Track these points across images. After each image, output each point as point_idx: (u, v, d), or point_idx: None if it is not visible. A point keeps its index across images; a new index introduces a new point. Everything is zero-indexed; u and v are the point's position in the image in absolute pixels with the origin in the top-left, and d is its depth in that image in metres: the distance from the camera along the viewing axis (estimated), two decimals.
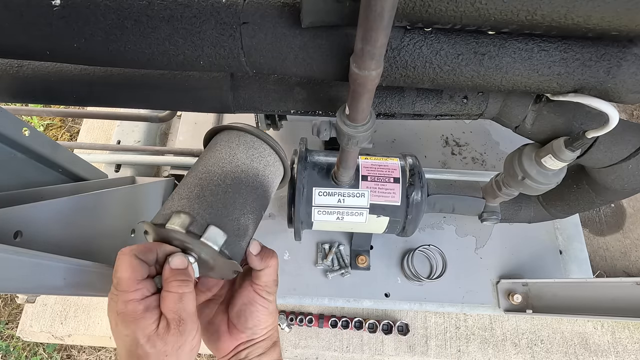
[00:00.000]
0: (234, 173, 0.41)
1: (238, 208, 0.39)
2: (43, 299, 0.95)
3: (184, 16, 0.39)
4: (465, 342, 0.90)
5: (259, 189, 0.43)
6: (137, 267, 0.34)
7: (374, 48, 0.32)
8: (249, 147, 0.43)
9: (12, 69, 0.56)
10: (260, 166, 0.43)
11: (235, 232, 0.38)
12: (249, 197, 0.41)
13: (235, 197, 0.40)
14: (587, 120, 0.50)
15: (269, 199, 0.45)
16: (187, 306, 0.34)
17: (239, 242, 0.39)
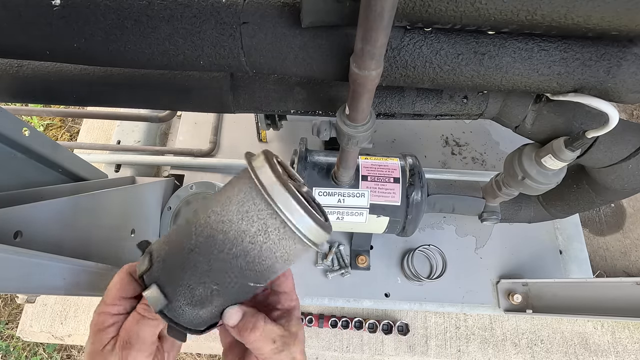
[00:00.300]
0: (211, 229, 0.31)
1: (197, 275, 0.31)
2: (43, 299, 0.95)
3: (184, 16, 0.39)
4: (465, 342, 0.90)
5: (240, 259, 0.31)
6: (126, 284, 0.34)
7: (374, 48, 0.32)
8: (245, 201, 0.30)
9: (12, 69, 0.56)
10: (251, 230, 0.30)
11: (187, 300, 0.32)
12: (217, 265, 0.31)
13: (198, 261, 0.31)
14: (587, 120, 0.50)
15: (264, 274, 0.32)
16: (141, 331, 0.32)
17: (191, 310, 0.32)
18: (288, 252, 0.31)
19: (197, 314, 0.32)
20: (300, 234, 0.30)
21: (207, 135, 1.06)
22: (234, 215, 0.30)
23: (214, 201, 0.32)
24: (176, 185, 0.96)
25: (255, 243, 0.30)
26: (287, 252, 0.31)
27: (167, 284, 0.32)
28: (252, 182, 0.30)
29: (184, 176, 1.02)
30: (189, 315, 0.32)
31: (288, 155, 1.05)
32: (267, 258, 0.31)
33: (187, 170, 1.03)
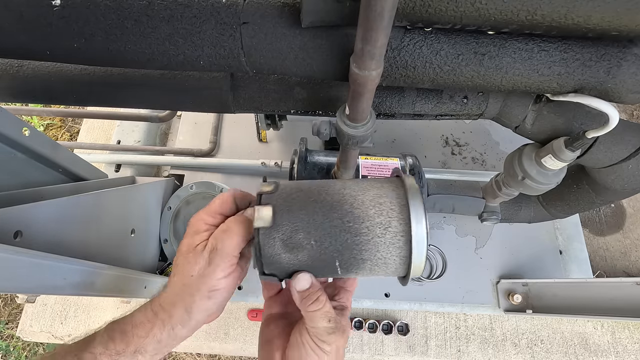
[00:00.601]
0: (342, 198, 0.34)
1: (308, 222, 0.33)
2: (43, 299, 0.95)
3: (184, 16, 0.39)
4: (465, 342, 0.90)
5: (349, 235, 0.32)
6: (227, 203, 0.38)
7: (374, 48, 0.32)
8: (384, 195, 0.33)
9: (12, 69, 0.56)
10: (375, 219, 0.32)
11: (285, 237, 0.33)
12: (328, 226, 0.33)
13: (316, 213, 0.33)
14: (587, 120, 0.50)
15: (352, 264, 0.34)
16: (227, 240, 0.35)
17: (280, 248, 0.33)
18: (386, 259, 0.33)
19: (280, 255, 0.33)
20: (409, 250, 0.32)
21: (207, 135, 1.06)
22: (368, 200, 0.33)
23: (351, 182, 0.36)
24: (176, 185, 0.96)
25: (371, 232, 0.32)
26: (386, 259, 0.33)
27: (279, 212, 0.33)
28: (399, 183, 0.34)
29: (184, 176, 1.02)
30: (274, 251, 0.33)
31: (288, 155, 1.05)
32: (368, 251, 0.33)
33: (187, 170, 1.03)
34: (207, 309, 0.36)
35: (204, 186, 0.89)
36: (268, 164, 0.97)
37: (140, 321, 0.36)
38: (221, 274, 0.35)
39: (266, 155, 1.03)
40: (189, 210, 0.89)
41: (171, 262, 0.88)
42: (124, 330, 0.36)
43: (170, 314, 0.35)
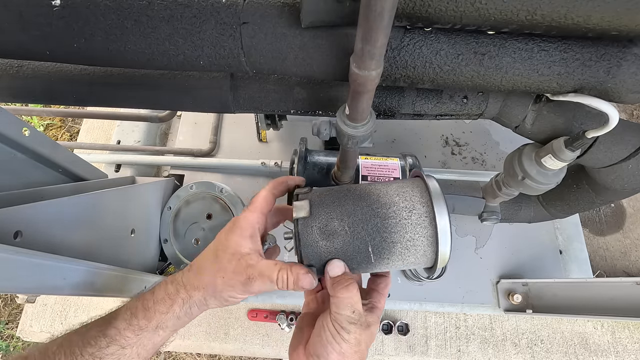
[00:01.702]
0: (368, 191, 0.39)
1: (341, 211, 0.37)
2: (43, 299, 0.95)
3: (184, 16, 0.39)
4: (465, 342, 0.90)
5: (378, 219, 0.36)
6: (269, 200, 0.42)
7: (374, 48, 0.32)
8: (406, 186, 0.38)
9: (12, 69, 0.56)
10: (400, 204, 0.37)
11: (321, 225, 0.37)
12: (359, 213, 0.37)
13: (347, 202, 0.38)
14: (587, 120, 0.50)
15: (384, 247, 0.37)
16: (261, 198, 0.42)
17: (317, 235, 0.37)
18: (414, 240, 0.36)
19: (317, 242, 0.37)
20: (435, 229, 0.35)
21: (207, 135, 1.06)
22: (392, 190, 0.38)
23: (374, 183, 0.42)
24: (176, 185, 0.96)
25: (397, 215, 0.36)
26: (414, 240, 0.36)
27: (315, 206, 0.38)
28: (417, 177, 0.39)
29: (184, 176, 1.02)
30: (312, 238, 0.37)
31: (288, 155, 1.05)
32: (397, 233, 0.36)
33: (187, 170, 1.03)
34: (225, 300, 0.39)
35: (204, 186, 0.89)
36: (268, 164, 0.97)
37: (161, 297, 0.39)
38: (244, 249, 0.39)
39: (266, 155, 1.03)
40: (189, 210, 0.89)
41: (171, 262, 0.88)
42: (146, 306, 0.38)
43: (190, 295, 0.39)
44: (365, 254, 0.37)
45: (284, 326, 0.87)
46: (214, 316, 0.93)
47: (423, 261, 0.38)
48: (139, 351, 0.38)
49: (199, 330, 0.92)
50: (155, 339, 0.39)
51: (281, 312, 0.91)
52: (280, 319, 0.88)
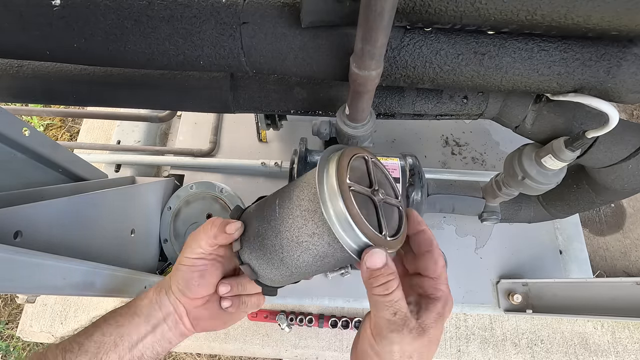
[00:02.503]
0: (273, 198, 0.38)
1: (258, 221, 0.38)
2: (43, 299, 0.95)
3: (184, 16, 0.39)
4: (465, 342, 0.90)
5: (278, 222, 0.35)
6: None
7: (374, 48, 0.32)
8: (303, 186, 0.34)
9: (12, 69, 0.56)
10: (298, 200, 0.34)
11: (247, 239, 0.38)
12: (263, 217, 0.37)
13: (261, 216, 0.38)
14: (587, 120, 0.50)
15: (292, 246, 0.34)
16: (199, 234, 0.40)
17: (247, 250, 0.38)
18: (310, 233, 0.33)
19: (252, 261, 0.38)
20: (327, 218, 0.30)
21: (207, 135, 1.06)
22: (292, 192, 0.35)
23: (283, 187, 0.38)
24: (176, 185, 0.96)
25: (290, 212, 0.34)
26: (310, 232, 0.33)
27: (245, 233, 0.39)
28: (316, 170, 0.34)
29: (184, 176, 1.02)
30: (247, 255, 0.38)
31: (288, 155, 1.05)
32: (297, 229, 0.33)
33: (187, 170, 1.03)
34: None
35: (204, 186, 0.89)
36: (268, 164, 0.97)
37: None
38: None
39: (266, 155, 1.03)
40: (189, 210, 0.89)
41: (171, 262, 0.88)
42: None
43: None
44: (279, 250, 0.35)
45: (284, 326, 0.87)
46: None
47: (340, 253, 0.33)
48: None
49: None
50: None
51: (281, 312, 0.91)
52: (280, 319, 0.88)
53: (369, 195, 0.33)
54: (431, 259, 0.35)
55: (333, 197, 0.30)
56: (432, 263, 0.34)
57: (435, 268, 0.34)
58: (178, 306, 0.40)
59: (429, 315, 0.31)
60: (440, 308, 0.32)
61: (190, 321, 0.41)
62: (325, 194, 0.30)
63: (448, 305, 0.32)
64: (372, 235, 0.30)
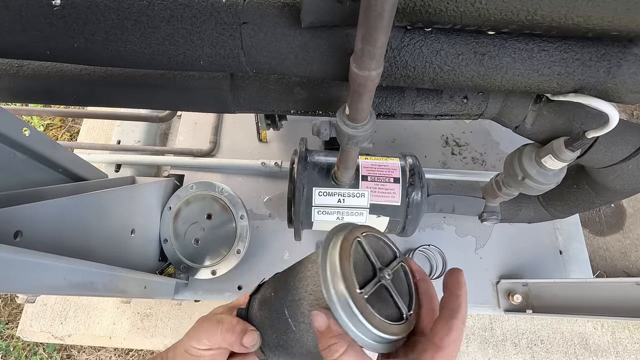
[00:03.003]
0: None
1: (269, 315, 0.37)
2: (43, 299, 0.95)
3: (184, 16, 0.39)
4: (465, 342, 0.90)
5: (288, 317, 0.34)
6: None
7: (374, 48, 0.32)
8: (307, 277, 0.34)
9: (12, 69, 0.56)
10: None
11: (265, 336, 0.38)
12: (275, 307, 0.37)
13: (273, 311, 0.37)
14: (587, 120, 0.50)
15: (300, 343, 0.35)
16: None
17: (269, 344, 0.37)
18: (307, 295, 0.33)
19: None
20: (356, 339, 0.29)
21: (207, 135, 1.06)
22: (303, 307, 0.33)
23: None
24: (176, 185, 0.96)
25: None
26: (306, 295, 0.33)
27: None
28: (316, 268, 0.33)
29: (184, 176, 1.02)
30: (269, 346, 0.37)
31: (288, 155, 1.05)
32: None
33: (187, 170, 1.03)
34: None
35: (204, 186, 0.89)
36: (268, 164, 0.97)
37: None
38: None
39: (266, 155, 1.03)
40: (189, 210, 0.89)
41: (171, 262, 0.88)
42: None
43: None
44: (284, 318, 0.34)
45: None
46: None
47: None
48: None
49: None
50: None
51: None
52: None
53: (378, 283, 0.31)
54: (446, 325, 0.29)
55: (357, 324, 0.29)
56: (446, 329, 0.29)
57: (445, 337, 0.28)
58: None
59: (448, 336, 0.28)
60: (459, 323, 0.28)
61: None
62: (346, 322, 0.29)
63: (461, 315, 0.29)
64: (397, 331, 0.30)
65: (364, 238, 0.32)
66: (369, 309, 0.29)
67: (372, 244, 0.33)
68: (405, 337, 0.32)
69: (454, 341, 0.28)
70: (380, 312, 0.30)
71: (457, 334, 0.28)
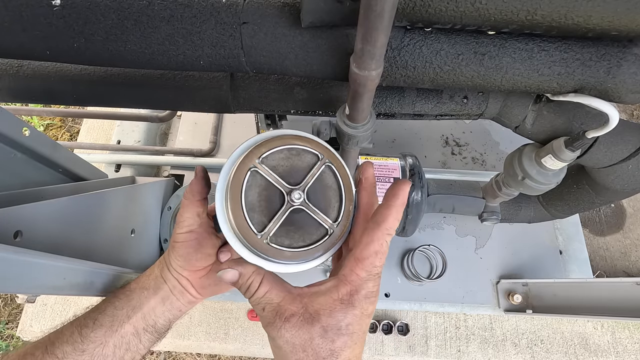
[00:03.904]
0: None
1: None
2: (43, 299, 0.95)
3: (184, 16, 0.39)
4: (465, 342, 0.90)
5: None
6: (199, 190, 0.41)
7: (374, 48, 0.32)
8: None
9: (12, 69, 0.56)
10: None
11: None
12: None
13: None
14: (587, 120, 0.50)
15: None
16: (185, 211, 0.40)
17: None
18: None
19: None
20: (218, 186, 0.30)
21: (207, 135, 1.06)
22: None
23: None
24: (176, 185, 0.96)
25: None
26: None
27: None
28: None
29: (184, 176, 1.02)
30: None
31: None
32: None
33: (187, 170, 1.03)
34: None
35: None
36: None
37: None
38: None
39: None
40: None
41: None
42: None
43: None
44: None
45: None
46: (214, 316, 0.93)
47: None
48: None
49: (199, 330, 0.92)
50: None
51: None
52: None
53: (288, 210, 0.30)
54: (368, 235, 0.29)
55: (267, 265, 0.30)
56: (367, 240, 0.29)
57: (365, 248, 0.29)
58: (182, 280, 0.40)
59: (322, 300, 0.28)
60: (345, 294, 0.28)
61: (196, 290, 0.41)
62: (256, 263, 0.30)
63: (360, 293, 0.28)
64: (316, 251, 0.30)
65: (264, 161, 0.30)
66: (273, 247, 0.29)
67: (276, 163, 0.30)
68: (337, 245, 0.31)
69: (375, 253, 0.28)
70: (293, 242, 0.30)
71: (379, 245, 0.28)
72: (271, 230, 0.29)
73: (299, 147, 0.31)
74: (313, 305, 0.27)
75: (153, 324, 0.40)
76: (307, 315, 0.27)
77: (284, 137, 0.31)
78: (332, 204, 0.32)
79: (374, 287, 0.29)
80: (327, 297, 0.28)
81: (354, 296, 0.28)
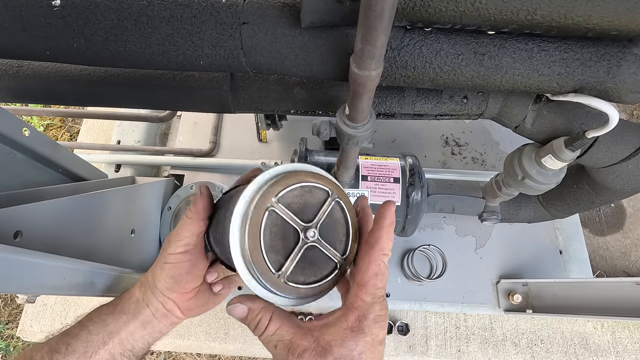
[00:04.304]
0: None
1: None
2: (43, 299, 0.95)
3: (184, 16, 0.39)
4: (465, 342, 0.90)
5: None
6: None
7: (374, 48, 0.32)
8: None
9: (12, 69, 0.56)
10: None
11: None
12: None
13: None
14: (587, 120, 0.50)
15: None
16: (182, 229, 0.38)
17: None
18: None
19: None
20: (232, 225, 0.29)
21: (207, 135, 1.06)
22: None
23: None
24: (176, 185, 0.96)
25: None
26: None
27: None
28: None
29: (184, 176, 1.02)
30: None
31: (288, 155, 1.05)
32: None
33: (187, 170, 1.03)
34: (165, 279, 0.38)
35: None
36: (268, 164, 0.97)
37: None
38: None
39: (266, 155, 1.03)
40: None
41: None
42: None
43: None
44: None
45: None
46: (214, 316, 0.93)
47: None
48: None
49: (199, 330, 0.92)
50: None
51: None
52: None
53: (303, 248, 0.30)
54: (365, 259, 0.30)
55: (279, 300, 0.30)
56: (365, 264, 0.29)
57: (365, 272, 0.29)
58: (167, 302, 0.39)
59: (332, 331, 0.28)
60: (353, 322, 0.28)
61: (182, 312, 0.40)
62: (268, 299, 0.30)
63: (369, 318, 0.28)
64: (327, 286, 0.30)
65: (280, 200, 0.30)
66: (290, 286, 0.29)
67: (291, 201, 0.30)
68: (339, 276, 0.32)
69: (375, 275, 0.29)
70: (307, 278, 0.30)
71: (376, 266, 0.29)
72: (288, 269, 0.29)
73: (312, 184, 0.31)
74: (324, 337, 0.27)
75: (131, 349, 0.38)
76: (320, 349, 0.27)
77: (298, 173, 0.31)
78: (340, 238, 0.32)
79: (382, 311, 0.28)
80: (337, 327, 0.28)
81: (362, 322, 0.28)
